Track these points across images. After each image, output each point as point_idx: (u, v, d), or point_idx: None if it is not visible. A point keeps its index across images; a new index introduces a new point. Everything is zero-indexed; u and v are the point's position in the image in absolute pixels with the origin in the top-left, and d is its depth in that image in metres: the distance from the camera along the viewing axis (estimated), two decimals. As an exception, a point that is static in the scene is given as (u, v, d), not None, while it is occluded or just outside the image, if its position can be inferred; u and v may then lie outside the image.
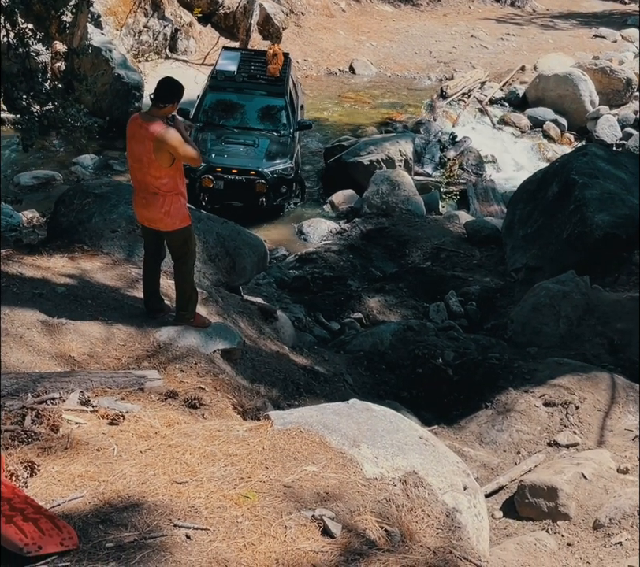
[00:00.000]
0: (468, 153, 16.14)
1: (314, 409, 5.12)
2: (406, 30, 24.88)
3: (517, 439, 6.75)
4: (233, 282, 8.13)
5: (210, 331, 6.45)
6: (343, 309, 9.84)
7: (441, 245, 11.76)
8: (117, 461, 4.30)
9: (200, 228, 7.83)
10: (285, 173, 13.33)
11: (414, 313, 9.75)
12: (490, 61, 22.39)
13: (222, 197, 12.98)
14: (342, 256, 11.43)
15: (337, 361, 7.81)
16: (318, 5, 24.26)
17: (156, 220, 6.16)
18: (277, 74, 14.52)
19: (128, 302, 6.66)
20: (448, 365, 7.66)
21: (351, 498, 4.29)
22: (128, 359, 5.86)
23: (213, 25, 20.71)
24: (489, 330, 9.29)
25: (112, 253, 7.40)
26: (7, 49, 9.40)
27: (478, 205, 14.36)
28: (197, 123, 13.82)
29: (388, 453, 4.68)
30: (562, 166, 11.51)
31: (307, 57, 21.97)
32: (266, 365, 6.82)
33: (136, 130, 5.94)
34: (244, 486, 4.20)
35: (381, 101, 19.79)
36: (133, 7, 18.05)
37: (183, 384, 5.71)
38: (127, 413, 4.86)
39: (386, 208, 12.98)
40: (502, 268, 10.98)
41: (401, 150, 14.87)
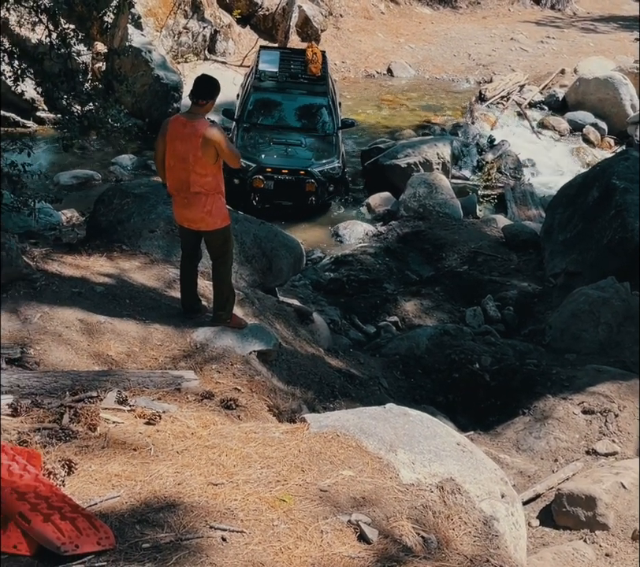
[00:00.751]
0: (506, 156, 16.00)
1: (350, 413, 5.08)
2: (445, 32, 24.76)
3: (555, 447, 6.66)
4: (269, 283, 8.12)
5: (247, 332, 6.44)
6: (378, 312, 9.79)
7: (478, 249, 11.66)
8: (154, 461, 4.30)
9: (237, 229, 7.83)
10: (333, 172, 13.43)
11: (451, 317, 9.68)
12: (530, 64, 22.21)
13: (272, 196, 13.13)
14: (378, 259, 11.38)
15: (373, 364, 7.77)
16: (356, 7, 24.23)
17: (197, 219, 6.18)
18: (318, 73, 14.55)
19: (165, 301, 6.67)
20: (485, 371, 7.59)
21: (387, 503, 4.25)
22: (164, 359, 5.87)
23: (252, 27, 20.76)
24: (526, 335, 9.19)
25: (150, 253, 7.43)
26: (49, 49, 9.47)
27: (516, 209, 14.22)
28: (242, 123, 13.87)
29: (426, 458, 4.63)
30: (603, 171, 11.35)
31: (345, 59, 21.94)
32: (302, 367, 6.80)
33: (180, 129, 5.97)
34: (280, 489, 4.18)
35: (419, 103, 19.71)
36: (173, 8, 18.15)
37: (219, 385, 5.70)
38: (163, 413, 4.87)
39: (423, 211, 12.91)
40: (540, 273, 10.86)
41: (439, 152, 14.79)
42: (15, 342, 5.53)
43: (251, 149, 13.35)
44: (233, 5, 20.22)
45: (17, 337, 5.60)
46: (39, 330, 5.71)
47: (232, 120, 13.92)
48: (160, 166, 6.29)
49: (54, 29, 9.27)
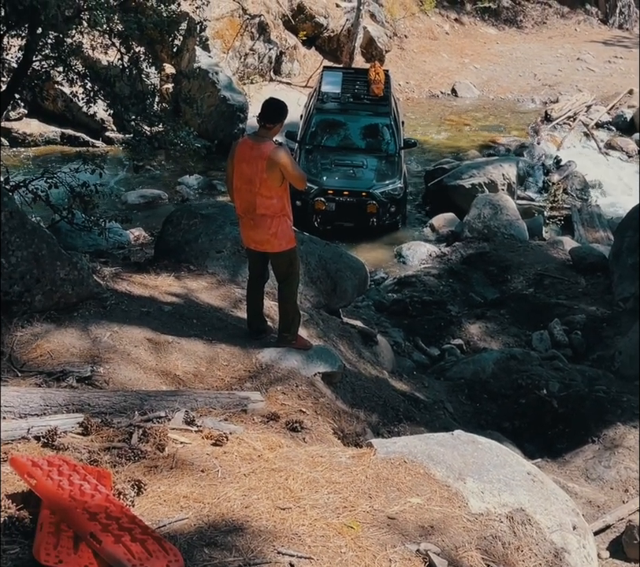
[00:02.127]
0: (573, 177, 15.80)
1: (417, 439, 5.02)
2: (510, 52, 24.66)
3: (625, 477, 6.49)
4: (334, 304, 8.11)
5: (312, 353, 6.43)
6: (442, 334, 9.69)
7: (545, 271, 11.48)
8: (221, 484, 4.30)
9: (303, 250, 7.85)
10: (395, 193, 13.44)
11: (517, 340, 9.53)
12: (597, 84, 21.96)
13: (334, 218, 13.21)
14: (442, 280, 11.29)
15: (437, 387, 7.69)
16: (421, 28, 24.30)
17: (263, 241, 6.21)
18: (380, 93, 14.59)
19: (231, 322, 6.71)
20: (552, 397, 7.44)
21: (456, 533, 4.17)
22: (231, 379, 5.88)
23: (317, 48, 20.95)
24: (594, 361, 8.99)
25: (217, 273, 7.48)
26: (121, 72, 9.68)
27: (583, 231, 13.99)
28: (305, 145, 13.96)
29: (495, 488, 4.54)
30: (674, 193, 11.13)
31: (409, 80, 21.99)
32: (366, 389, 6.75)
33: (247, 151, 6.03)
34: (348, 515, 4.14)
35: (484, 123, 19.62)
36: (240, 30, 18.42)
37: (284, 407, 5.69)
38: (230, 435, 4.87)
39: (488, 232, 12.79)
40: (609, 297, 10.64)
41: (504, 173, 14.67)
42: (85, 360, 5.60)
43: (313, 170, 13.45)
44: (299, 27, 20.44)
45: (87, 356, 5.67)
46: (108, 349, 5.78)
47: (295, 141, 14.03)
48: (230, 188, 6.35)
49: (126, 52, 9.48)
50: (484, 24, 26.48)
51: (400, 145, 14.08)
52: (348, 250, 11.06)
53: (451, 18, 25.82)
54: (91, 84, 9.49)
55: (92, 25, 8.83)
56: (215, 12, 17.90)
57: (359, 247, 12.78)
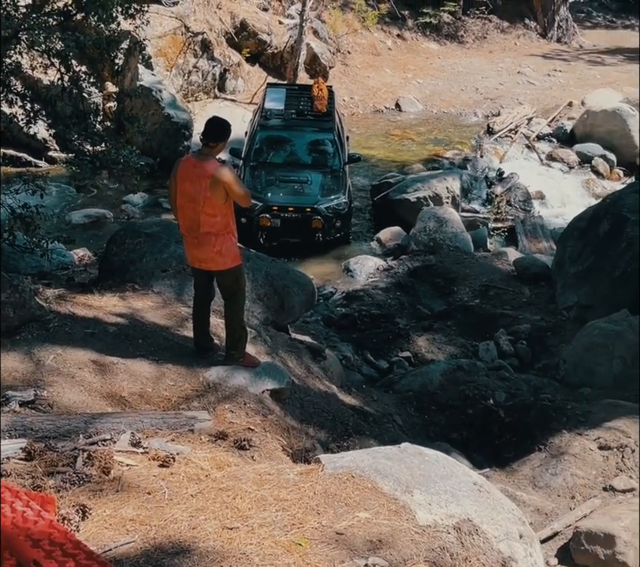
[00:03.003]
0: (516, 189, 16.06)
1: (365, 453, 5.05)
2: (452, 67, 25.03)
3: (572, 484, 6.59)
4: (282, 321, 8.12)
5: (259, 370, 6.44)
6: (391, 347, 9.77)
7: (490, 282, 11.64)
8: (168, 505, 4.28)
9: (249, 267, 7.86)
10: (340, 208, 13.50)
11: (464, 351, 9.64)
12: (537, 97, 22.38)
13: (280, 234, 13.24)
14: (389, 293, 11.37)
15: (386, 400, 7.73)
16: (364, 44, 24.55)
17: (208, 259, 6.22)
18: (324, 109, 14.70)
19: (178, 341, 6.68)
20: (499, 406, 7.53)
21: (404, 545, 4.20)
22: (178, 399, 5.86)
23: (261, 65, 21.03)
24: (540, 370, 9.13)
25: (162, 292, 7.46)
26: (61, 91, 9.60)
27: (527, 242, 14.22)
28: (250, 162, 13.99)
29: (442, 499, 4.58)
30: (613, 203, 11.37)
31: (354, 95, 22.18)
32: (315, 405, 6.77)
33: (190, 170, 6.04)
34: (296, 532, 4.14)
35: (428, 137, 19.85)
36: (183, 48, 18.42)
37: (232, 425, 5.69)
38: (177, 455, 4.85)
39: (433, 245, 12.93)
40: (553, 306, 10.82)
41: (448, 186, 14.85)
42: (28, 384, 5.53)
43: (257, 187, 13.48)
44: (242, 44, 20.50)
45: (30, 379, 5.61)
46: (52, 372, 5.72)
47: (239, 158, 14.05)
48: (173, 206, 6.35)
49: (66, 72, 9.40)
50: (426, 39, 26.85)
51: (344, 160, 14.18)
52: (296, 265, 11.10)
53: (393, 34, 26.14)
54: (31, 104, 9.39)
55: (30, 45, 8.76)
56: (157, 30, 17.87)
57: (306, 263, 12.82)
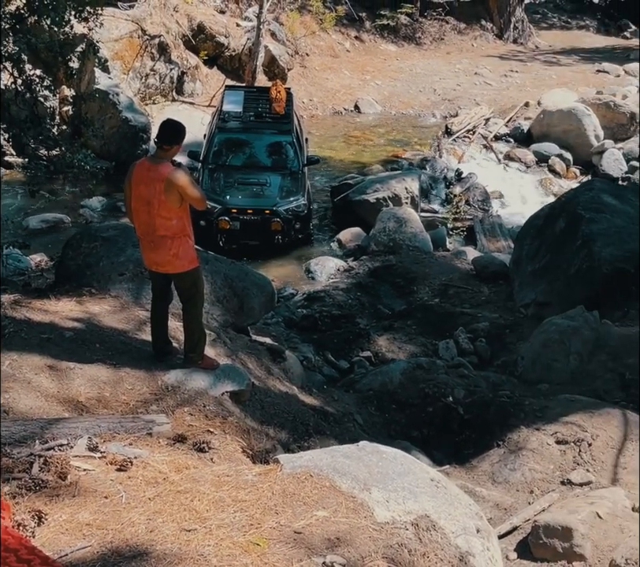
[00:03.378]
0: (474, 189, 16.22)
1: (323, 452, 5.08)
2: (410, 68, 25.18)
3: (530, 478, 6.67)
4: (241, 322, 8.13)
5: (219, 372, 6.43)
6: (352, 347, 9.81)
7: (449, 281, 11.75)
8: (126, 509, 4.27)
9: (208, 270, 7.86)
10: (299, 210, 13.52)
11: (424, 350, 9.72)
12: (494, 98, 22.59)
13: (239, 237, 13.23)
14: (350, 294, 11.42)
15: (347, 400, 7.77)
16: (322, 46, 24.61)
17: (164, 263, 6.20)
18: (282, 112, 14.72)
19: (136, 345, 6.66)
20: (458, 404, 7.60)
21: (362, 543, 4.23)
22: (136, 403, 5.84)
23: (219, 67, 20.99)
24: (499, 367, 9.23)
25: (120, 296, 7.43)
26: (15, 95, 9.53)
27: (485, 241, 14.37)
28: (207, 165, 13.96)
29: (400, 496, 4.63)
30: (568, 201, 11.54)
31: (313, 97, 22.23)
32: (275, 406, 6.78)
33: (144, 173, 6.02)
34: (254, 532, 4.16)
35: (387, 139, 19.95)
36: (140, 51, 18.34)
37: (191, 428, 5.68)
38: (135, 459, 4.83)
39: (393, 245, 13.01)
40: (511, 303, 10.95)
41: (407, 187, 14.95)
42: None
43: (216, 190, 13.47)
44: (200, 47, 20.45)
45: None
46: (7, 378, 5.66)
47: (197, 161, 14.03)
48: (128, 210, 6.33)
49: (19, 75, 9.33)
50: (384, 41, 26.99)
51: (303, 162, 14.21)
52: (256, 267, 11.10)
53: (351, 36, 26.23)
54: (-15, 109, 9.32)
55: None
56: (114, 33, 17.78)
57: (267, 265, 12.84)
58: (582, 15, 33.90)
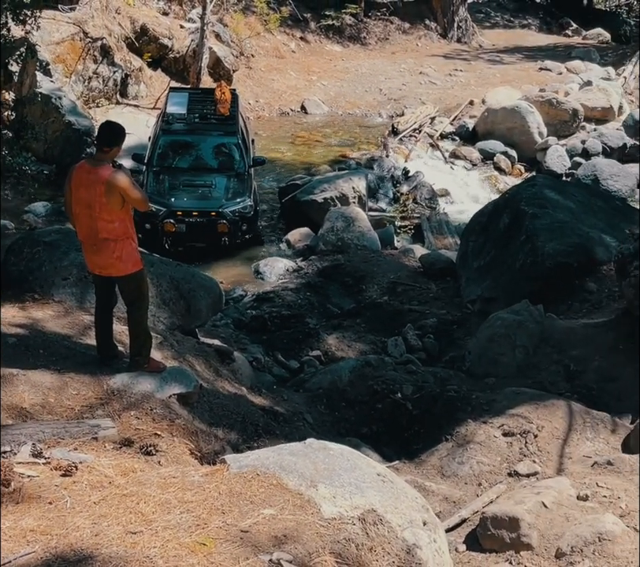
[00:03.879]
0: (421, 187, 16.36)
1: (270, 451, 5.09)
2: (355, 68, 25.29)
3: (478, 471, 6.76)
4: (189, 325, 8.10)
5: (166, 375, 6.41)
6: (301, 347, 9.85)
7: (397, 279, 11.85)
8: (70, 514, 4.25)
9: (153, 272, 7.83)
10: (245, 211, 13.49)
11: (373, 348, 9.78)
12: (439, 97, 22.79)
13: (185, 239, 13.17)
14: (299, 294, 11.46)
15: (296, 400, 7.79)
16: (267, 47, 24.61)
17: (108, 266, 6.17)
18: (226, 113, 14.69)
19: (80, 349, 6.61)
20: (407, 399, 7.67)
21: (309, 539, 4.26)
22: (81, 408, 5.80)
23: (164, 69, 20.87)
24: (447, 362, 9.34)
25: (64, 301, 7.36)
26: (-46, 100, 9.40)
27: (433, 239, 14.52)
28: (153, 167, 13.88)
29: (346, 491, 4.66)
30: (512, 197, 11.71)
31: (259, 98, 22.22)
32: (224, 407, 6.78)
33: (84, 176, 5.98)
34: (200, 533, 4.17)
35: (334, 139, 20.03)
36: (82, 54, 18.15)
37: (138, 431, 5.66)
38: (80, 464, 4.81)
39: (342, 244, 13.08)
40: (458, 300, 11.08)
41: (354, 186, 15.03)
42: None
43: (161, 192, 13.39)
44: (143, 49, 20.30)
45: None
46: (-52, 386, 5.60)
47: (142, 164, 13.93)
48: (69, 213, 6.28)
49: (-44, 80, 9.21)
50: (329, 41, 27.07)
51: (249, 163, 14.19)
52: (205, 269, 11.07)
53: (296, 36, 26.28)
54: None
55: None
56: (55, 36, 17.58)
57: (216, 266, 12.81)
58: (525, 14, 34.35)
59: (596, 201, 12.00)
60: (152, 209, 12.69)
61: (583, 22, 32.78)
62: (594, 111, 19.98)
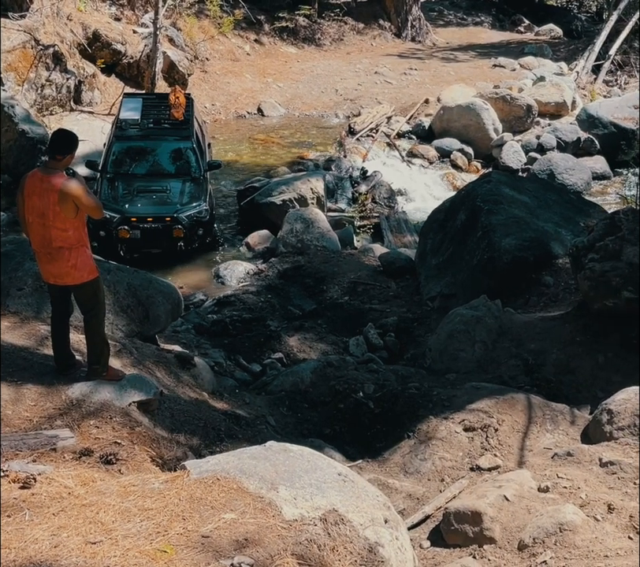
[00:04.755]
0: (379, 186, 16.43)
1: (230, 455, 5.10)
2: (311, 70, 25.33)
3: (440, 467, 6.81)
4: (148, 331, 8.08)
5: (125, 383, 6.39)
6: (263, 350, 9.84)
7: (357, 279, 11.89)
8: (29, 526, 4.23)
9: (110, 280, 7.80)
10: (201, 216, 13.41)
11: (335, 348, 9.82)
12: (395, 96, 22.90)
13: (140, 246, 13.09)
14: (260, 296, 11.46)
15: (259, 403, 7.80)
16: (222, 50, 24.55)
17: (63, 274, 6.13)
18: (181, 117, 14.63)
19: (37, 360, 6.55)
20: (368, 398, 7.71)
21: (271, 542, 4.28)
22: (40, 419, 5.76)
23: (118, 75, 20.73)
24: (408, 360, 9.40)
25: (19, 311, 7.30)
26: None
27: (392, 237, 14.59)
28: (107, 174, 13.78)
29: (307, 493, 4.69)
30: (467, 194, 11.81)
31: (215, 102, 22.16)
32: (185, 413, 6.76)
33: (37, 184, 5.94)
34: (161, 540, 4.17)
35: (291, 140, 20.04)
36: (34, 62, 17.97)
37: (98, 440, 5.63)
38: (39, 475, 4.79)
39: (301, 246, 13.10)
40: (418, 297, 11.15)
41: (312, 187, 15.06)
42: None
43: (115, 199, 13.29)
44: (96, 55, 20.16)
45: None
46: None
47: (96, 171, 13.83)
48: (23, 222, 6.23)
49: None
50: (283, 43, 27.08)
51: (204, 167, 14.14)
52: (164, 275, 11.02)
53: (250, 39, 26.25)
54: None
55: None
56: (5, 44, 17.37)
57: (175, 272, 12.77)
58: (478, 11, 34.66)
59: (550, 195, 12.14)
60: (106, 215, 12.62)
61: (535, 18, 33.16)
62: (548, 106, 20.20)
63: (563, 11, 35.43)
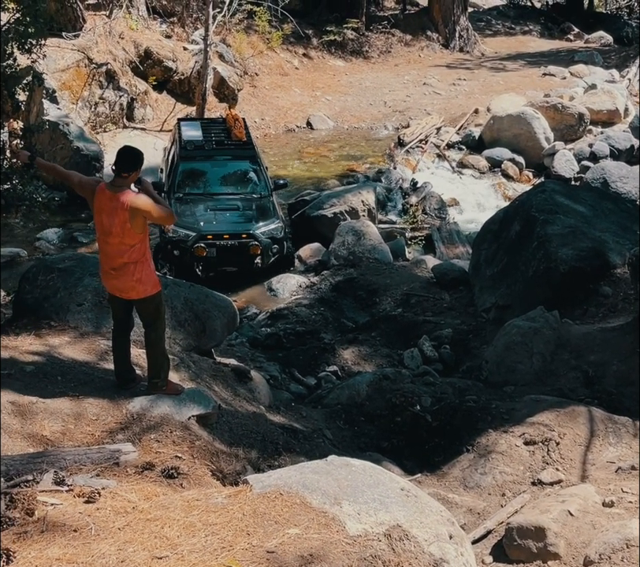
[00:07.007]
0: (430, 197, 16.37)
1: (292, 470, 5.09)
2: (359, 82, 25.38)
3: (501, 481, 6.72)
4: (205, 345, 8.12)
5: (184, 397, 6.43)
6: (318, 363, 9.83)
7: (410, 291, 11.83)
8: (95, 541, 4.25)
9: (167, 294, 7.85)
10: (275, 232, 13.33)
11: (389, 361, 9.76)
12: (444, 107, 22.83)
13: (217, 264, 13.01)
14: (313, 309, 11.46)
15: (315, 416, 7.78)
16: (271, 65, 24.74)
17: (128, 289, 6.20)
18: (243, 138, 14.70)
19: (98, 374, 6.63)
20: (426, 412, 7.65)
21: (336, 557, 4.25)
22: (101, 433, 5.82)
23: (169, 92, 21.02)
24: (464, 372, 9.31)
25: (80, 326, 7.39)
26: (-37, 131, 9.50)
27: (444, 249, 14.51)
28: (174, 195, 13.71)
29: (371, 508, 4.66)
30: (522, 204, 11.69)
31: (264, 116, 22.32)
32: (243, 426, 6.79)
33: (106, 203, 6.01)
34: (226, 555, 4.16)
35: (341, 153, 20.08)
36: (88, 80, 18.33)
37: (159, 455, 5.67)
38: (103, 490, 4.83)
39: (353, 258, 13.09)
40: (472, 309, 11.04)
41: (363, 200, 15.06)
42: (-55, 431, 5.43)
43: (189, 219, 13.20)
44: (148, 72, 20.47)
45: (-52, 426, 5.51)
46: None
47: (162, 191, 13.86)
48: None
49: (-36, 110, 9.32)
50: (331, 56, 27.18)
51: (270, 186, 14.06)
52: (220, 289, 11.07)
53: (299, 53, 26.41)
54: None
55: None
56: (60, 63, 17.76)
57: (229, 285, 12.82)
58: (526, 20, 34.36)
59: (606, 204, 11.95)
60: (181, 234, 12.73)
61: (585, 26, 32.79)
62: (600, 114, 19.95)
63: (613, 18, 35.01)
